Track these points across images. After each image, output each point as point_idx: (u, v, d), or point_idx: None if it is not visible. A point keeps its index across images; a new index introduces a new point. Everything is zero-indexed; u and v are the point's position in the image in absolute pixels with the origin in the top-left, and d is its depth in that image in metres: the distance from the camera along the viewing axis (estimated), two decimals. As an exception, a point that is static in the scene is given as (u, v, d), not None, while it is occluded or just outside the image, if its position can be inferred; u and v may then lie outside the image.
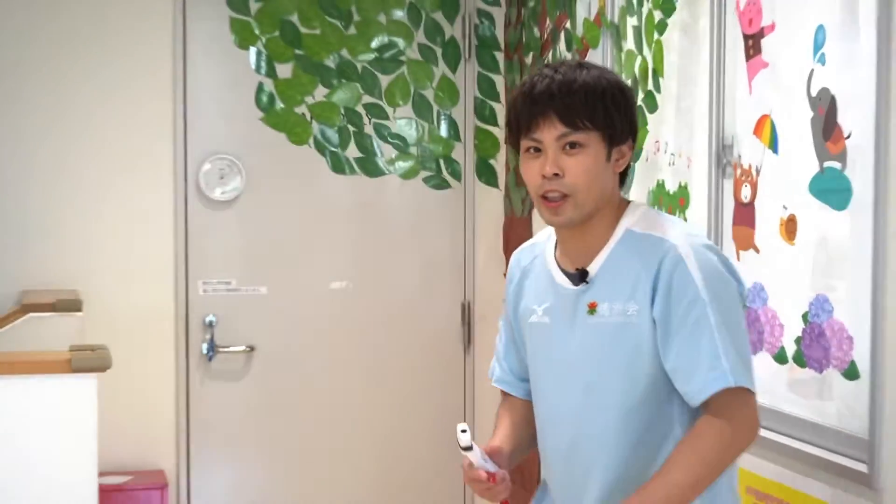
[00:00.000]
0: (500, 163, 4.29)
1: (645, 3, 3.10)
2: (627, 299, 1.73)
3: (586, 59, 3.29)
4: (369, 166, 4.07)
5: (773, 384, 2.51)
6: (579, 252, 1.79)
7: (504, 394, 2.11)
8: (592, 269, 1.79)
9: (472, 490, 1.95)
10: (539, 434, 1.97)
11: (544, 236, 1.99)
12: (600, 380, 1.79)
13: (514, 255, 2.10)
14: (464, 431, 1.70)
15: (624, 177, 1.84)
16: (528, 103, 1.71)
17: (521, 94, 1.76)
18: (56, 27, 3.97)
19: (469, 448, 1.72)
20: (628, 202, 1.83)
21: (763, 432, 2.10)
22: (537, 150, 1.67)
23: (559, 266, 1.84)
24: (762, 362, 2.47)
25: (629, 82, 3.14)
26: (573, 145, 1.64)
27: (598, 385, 1.79)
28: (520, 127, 1.71)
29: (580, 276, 1.79)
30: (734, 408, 1.66)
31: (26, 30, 3.96)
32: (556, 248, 1.86)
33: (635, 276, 1.72)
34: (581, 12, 3.48)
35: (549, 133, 1.65)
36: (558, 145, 1.65)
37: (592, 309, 1.81)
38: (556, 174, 1.64)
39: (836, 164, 2.33)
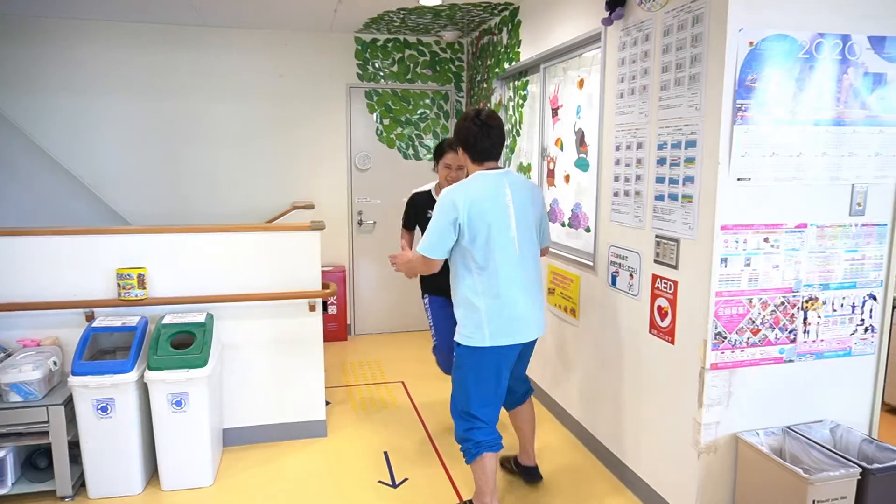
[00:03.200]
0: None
1: (515, 97, 4.71)
2: None
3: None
4: (416, 156, 6.29)
5: (560, 235, 3.85)
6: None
7: None
8: None
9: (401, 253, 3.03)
10: None
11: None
12: None
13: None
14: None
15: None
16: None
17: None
18: (317, 106, 5.92)
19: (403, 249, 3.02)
20: (499, 168, 2.82)
21: (558, 250, 3.71)
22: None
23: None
24: (557, 227, 3.84)
25: (508, 127, 4.74)
26: None
27: None
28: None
29: None
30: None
31: (301, 108, 5.80)
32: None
33: None
34: (494, 100, 5.16)
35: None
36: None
37: None
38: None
39: (584, 156, 3.55)
